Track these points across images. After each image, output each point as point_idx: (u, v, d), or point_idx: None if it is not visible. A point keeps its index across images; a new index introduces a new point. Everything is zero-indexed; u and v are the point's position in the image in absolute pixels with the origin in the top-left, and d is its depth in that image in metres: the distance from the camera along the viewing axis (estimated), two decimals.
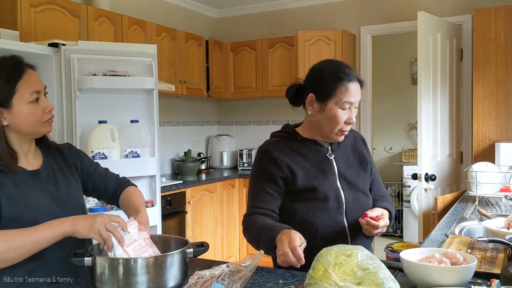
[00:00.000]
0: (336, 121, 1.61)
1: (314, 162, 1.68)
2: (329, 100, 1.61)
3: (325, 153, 1.71)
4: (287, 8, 4.96)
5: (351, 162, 1.75)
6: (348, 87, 1.59)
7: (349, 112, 1.62)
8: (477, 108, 3.67)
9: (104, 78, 2.85)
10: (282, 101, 5.58)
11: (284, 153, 1.67)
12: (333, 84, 1.60)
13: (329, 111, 1.61)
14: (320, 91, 1.63)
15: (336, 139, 1.68)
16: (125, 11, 3.76)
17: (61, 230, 1.29)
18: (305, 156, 1.68)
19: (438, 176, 3.64)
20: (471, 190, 2.64)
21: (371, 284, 0.99)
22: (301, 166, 1.65)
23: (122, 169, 2.83)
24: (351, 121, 1.63)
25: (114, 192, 1.66)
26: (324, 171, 1.67)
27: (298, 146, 1.70)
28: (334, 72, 1.62)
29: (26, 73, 1.41)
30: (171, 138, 4.66)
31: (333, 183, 1.66)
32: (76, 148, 1.66)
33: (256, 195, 1.67)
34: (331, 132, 1.65)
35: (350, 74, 1.61)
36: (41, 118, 1.42)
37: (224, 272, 1.08)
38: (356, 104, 1.63)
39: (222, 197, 4.33)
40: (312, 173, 1.65)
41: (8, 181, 1.37)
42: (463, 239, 1.65)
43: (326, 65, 1.70)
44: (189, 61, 4.35)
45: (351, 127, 1.71)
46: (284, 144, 1.71)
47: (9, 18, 2.88)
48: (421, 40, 3.56)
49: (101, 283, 1.23)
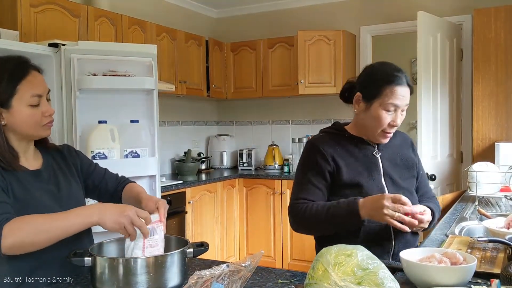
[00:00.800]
0: (379, 122, 1.64)
1: (360, 159, 1.70)
2: (374, 101, 1.63)
3: (372, 151, 1.73)
4: (287, 8, 4.96)
5: (397, 162, 1.76)
6: (395, 90, 1.60)
7: (393, 115, 1.63)
8: (477, 108, 3.67)
9: (104, 78, 2.85)
10: (282, 101, 5.56)
11: (331, 147, 1.70)
12: (380, 85, 1.62)
13: (373, 111, 1.64)
14: (367, 91, 1.66)
15: (379, 140, 1.71)
16: (125, 11, 3.76)
17: (90, 219, 1.29)
18: (351, 152, 1.71)
19: (438, 176, 3.64)
20: (471, 190, 2.64)
21: (371, 284, 0.99)
22: (347, 162, 1.68)
23: (122, 169, 2.83)
24: (395, 123, 1.64)
25: (115, 189, 1.66)
26: (369, 168, 1.69)
27: (345, 143, 1.73)
28: (383, 74, 1.64)
29: (30, 75, 1.40)
30: (171, 138, 4.66)
31: (378, 181, 1.68)
32: (74, 149, 1.66)
33: (304, 187, 1.69)
34: (374, 132, 1.68)
35: (399, 78, 1.62)
36: (40, 121, 1.41)
37: (224, 272, 1.08)
38: (402, 107, 1.64)
39: (222, 197, 4.34)
40: (357, 169, 1.68)
41: (13, 180, 1.37)
42: (463, 239, 1.65)
43: (378, 66, 1.71)
44: (189, 61, 4.36)
45: (399, 129, 1.75)
46: (331, 139, 1.74)
47: (9, 18, 2.88)
48: (421, 40, 3.56)
49: (101, 283, 1.23)
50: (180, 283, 1.26)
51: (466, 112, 4.17)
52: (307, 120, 4.94)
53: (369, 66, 1.75)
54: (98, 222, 1.29)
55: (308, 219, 1.63)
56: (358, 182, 1.65)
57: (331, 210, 1.58)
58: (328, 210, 1.59)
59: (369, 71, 1.71)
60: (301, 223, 1.67)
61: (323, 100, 4.79)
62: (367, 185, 1.66)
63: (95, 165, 1.68)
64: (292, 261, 4.36)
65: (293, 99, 4.95)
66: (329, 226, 1.61)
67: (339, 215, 1.57)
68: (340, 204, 1.58)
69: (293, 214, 1.68)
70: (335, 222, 1.58)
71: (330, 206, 1.60)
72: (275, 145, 4.83)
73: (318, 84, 4.42)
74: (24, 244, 1.24)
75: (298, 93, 4.45)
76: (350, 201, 1.56)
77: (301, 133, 4.89)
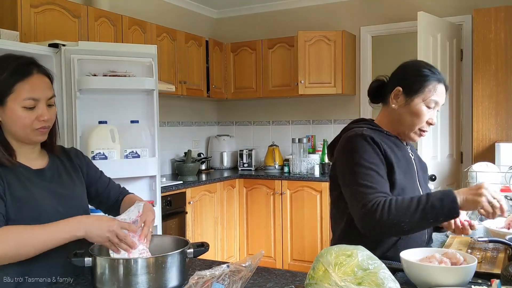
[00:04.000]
0: (419, 118, 1.59)
1: (401, 160, 1.61)
2: (416, 96, 1.59)
3: (408, 152, 1.68)
4: (287, 8, 4.96)
5: (421, 165, 1.74)
6: (437, 87, 1.58)
7: (432, 112, 1.60)
8: (477, 108, 3.67)
9: (104, 79, 2.85)
10: (282, 102, 5.55)
11: (383, 141, 1.57)
12: (425, 80, 1.59)
13: (414, 106, 1.59)
14: (409, 85, 1.61)
15: (413, 138, 1.65)
16: (125, 12, 3.76)
17: (76, 233, 1.30)
18: (395, 152, 1.59)
19: (438, 176, 3.64)
20: None
21: (372, 284, 0.99)
22: (395, 161, 1.56)
23: (122, 170, 2.87)
24: (433, 121, 1.61)
25: (116, 199, 1.66)
26: (410, 171, 1.64)
27: (386, 140, 1.61)
28: (427, 70, 1.61)
29: (32, 77, 1.38)
30: (171, 138, 4.66)
31: (416, 185, 1.64)
32: (82, 153, 1.66)
33: (374, 179, 1.47)
34: (411, 129, 1.62)
35: (441, 76, 1.61)
36: (32, 125, 1.38)
37: (225, 272, 1.08)
38: (440, 105, 1.61)
39: (222, 197, 4.34)
40: (404, 170, 1.59)
41: (12, 178, 1.37)
42: (463, 239, 1.65)
43: (419, 62, 1.68)
44: (189, 62, 4.36)
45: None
46: (375, 135, 1.58)
47: (9, 18, 2.88)
48: (421, 40, 3.56)
49: (102, 284, 1.23)
50: (180, 283, 1.26)
51: (466, 112, 4.17)
52: (307, 121, 4.94)
53: (409, 62, 1.69)
54: (84, 236, 1.31)
55: (396, 215, 1.38)
56: (405, 185, 1.55)
57: (423, 200, 1.39)
58: (420, 201, 1.39)
59: (411, 67, 1.65)
60: (389, 220, 1.38)
61: (323, 100, 4.79)
62: (410, 188, 1.58)
63: (100, 172, 1.68)
64: (292, 261, 4.36)
65: (293, 100, 4.95)
66: (422, 221, 1.38)
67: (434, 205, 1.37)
68: (430, 194, 1.41)
69: (374, 211, 1.40)
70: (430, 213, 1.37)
71: (420, 197, 1.41)
72: (275, 145, 4.83)
73: (318, 84, 4.42)
74: (7, 256, 1.25)
75: (298, 93, 4.45)
76: (441, 190, 1.43)
77: (301, 133, 4.89)
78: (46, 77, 1.42)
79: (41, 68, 1.42)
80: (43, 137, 1.45)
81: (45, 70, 1.43)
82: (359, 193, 1.46)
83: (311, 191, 4.22)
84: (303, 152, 4.51)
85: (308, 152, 4.56)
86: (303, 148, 4.51)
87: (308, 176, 4.31)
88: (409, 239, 1.55)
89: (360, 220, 1.45)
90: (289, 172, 4.55)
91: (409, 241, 1.54)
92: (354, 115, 4.51)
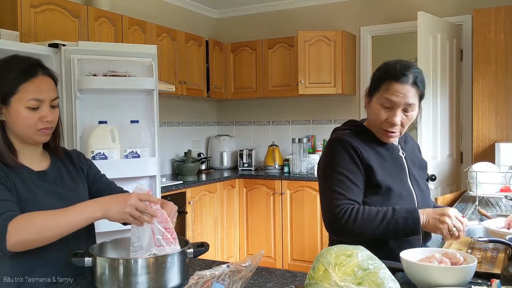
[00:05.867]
0: (376, 117, 1.59)
1: (389, 160, 1.63)
2: (374, 95, 1.60)
3: (398, 152, 1.68)
4: (287, 8, 4.96)
5: (416, 163, 1.74)
6: (392, 86, 1.54)
7: (392, 112, 1.56)
8: (477, 108, 3.67)
9: (104, 79, 2.85)
10: (282, 101, 5.56)
11: (359, 145, 1.59)
12: (380, 80, 1.58)
13: (372, 105, 1.61)
14: (371, 85, 1.63)
15: (383, 139, 1.64)
16: (125, 12, 3.77)
17: (94, 215, 1.29)
18: (379, 152, 1.62)
19: (438, 176, 3.64)
20: (471, 190, 2.64)
21: (372, 284, 0.99)
22: (378, 162, 1.59)
23: (122, 170, 2.87)
24: (391, 121, 1.56)
25: None
26: (398, 170, 1.63)
27: (370, 142, 1.63)
28: (386, 69, 1.59)
29: (37, 78, 1.39)
30: (171, 138, 4.67)
31: (406, 183, 1.64)
32: (84, 155, 1.67)
33: (343, 186, 1.53)
34: (377, 130, 1.63)
35: (403, 75, 1.54)
36: (35, 126, 1.40)
37: (225, 272, 1.08)
38: (401, 106, 1.55)
39: (222, 197, 4.34)
40: (388, 171, 1.60)
41: (17, 180, 1.37)
42: (463, 239, 1.65)
43: (390, 62, 1.63)
44: (189, 62, 4.36)
45: (407, 133, 1.69)
46: (358, 137, 1.63)
47: (9, 18, 2.88)
48: (421, 40, 3.56)
49: (102, 284, 1.23)
50: (180, 283, 1.26)
51: (466, 112, 4.17)
52: (307, 121, 4.94)
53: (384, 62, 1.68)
54: (102, 216, 1.30)
55: (361, 225, 1.46)
56: (390, 185, 1.56)
57: (389, 214, 1.47)
58: (386, 215, 1.47)
59: (379, 67, 1.66)
60: (353, 228, 1.46)
61: (323, 100, 4.79)
62: (397, 187, 1.59)
63: (102, 174, 1.69)
64: (292, 261, 4.36)
65: (293, 100, 4.95)
66: (384, 233, 1.48)
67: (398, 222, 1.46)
68: (397, 210, 1.48)
69: (340, 217, 1.48)
70: (392, 228, 1.46)
71: (387, 210, 1.48)
72: (275, 145, 4.83)
73: (318, 84, 4.42)
74: (28, 241, 1.25)
75: (298, 93, 4.45)
76: (408, 208, 1.49)
77: (301, 133, 4.89)
78: (50, 79, 1.44)
79: (46, 70, 1.43)
80: (46, 137, 1.46)
81: (50, 72, 1.45)
82: (329, 198, 1.54)
83: (311, 191, 4.22)
84: (303, 152, 4.51)
85: (308, 152, 4.56)
86: (303, 148, 4.52)
87: (308, 176, 4.31)
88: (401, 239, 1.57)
89: (326, 224, 1.54)
90: (289, 172, 4.55)
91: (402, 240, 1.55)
92: (354, 115, 4.51)
